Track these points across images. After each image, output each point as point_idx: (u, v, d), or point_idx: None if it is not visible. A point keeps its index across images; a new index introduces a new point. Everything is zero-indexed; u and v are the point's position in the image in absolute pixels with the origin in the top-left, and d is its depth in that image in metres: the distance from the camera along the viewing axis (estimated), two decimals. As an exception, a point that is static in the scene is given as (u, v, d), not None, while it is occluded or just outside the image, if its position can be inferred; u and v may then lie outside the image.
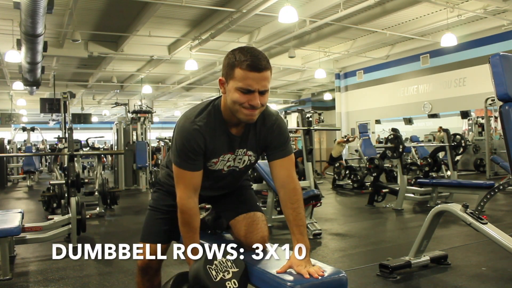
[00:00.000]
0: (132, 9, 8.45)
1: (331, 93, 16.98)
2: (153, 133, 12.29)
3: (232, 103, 1.55)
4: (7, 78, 13.59)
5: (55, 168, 6.77)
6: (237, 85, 1.51)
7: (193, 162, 1.62)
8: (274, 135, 1.70)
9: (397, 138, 6.03)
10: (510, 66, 2.20)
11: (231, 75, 1.53)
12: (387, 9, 8.57)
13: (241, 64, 1.50)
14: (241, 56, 1.50)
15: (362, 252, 3.85)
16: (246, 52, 1.51)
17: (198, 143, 1.60)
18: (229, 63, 1.53)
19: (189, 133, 1.59)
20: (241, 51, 1.53)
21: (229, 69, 1.53)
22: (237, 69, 1.51)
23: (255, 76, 1.50)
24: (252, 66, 1.49)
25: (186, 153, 1.61)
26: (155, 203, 1.91)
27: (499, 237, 2.50)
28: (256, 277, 1.58)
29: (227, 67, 1.55)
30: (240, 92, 1.52)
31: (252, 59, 1.49)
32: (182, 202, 1.64)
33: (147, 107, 10.97)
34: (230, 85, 1.54)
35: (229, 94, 1.55)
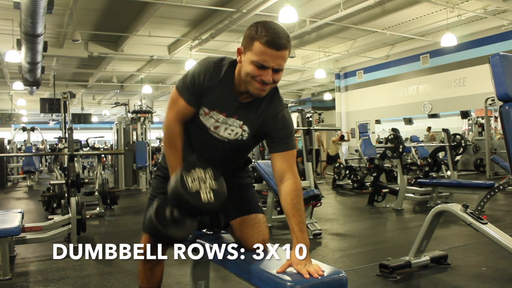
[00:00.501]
0: (132, 9, 8.45)
1: (331, 93, 16.98)
2: (153, 133, 12.28)
3: (245, 74, 1.58)
4: (7, 78, 13.60)
5: (55, 168, 6.77)
6: (253, 58, 1.53)
7: (190, 95, 1.67)
8: (278, 126, 1.68)
9: (397, 138, 6.03)
10: (510, 66, 2.20)
11: (250, 47, 1.54)
12: (387, 9, 8.57)
13: (261, 38, 1.51)
14: (263, 31, 1.51)
15: (362, 252, 3.85)
16: (268, 28, 1.52)
17: (203, 81, 1.64)
18: (250, 35, 1.55)
19: (202, 68, 1.66)
20: (264, 25, 1.53)
21: (249, 40, 1.55)
22: (256, 42, 1.52)
23: (273, 53, 1.52)
24: (272, 43, 1.50)
25: (189, 81, 1.66)
26: (153, 191, 1.93)
27: (499, 237, 2.51)
28: (256, 277, 1.58)
29: (247, 38, 1.56)
30: (254, 66, 1.54)
31: (273, 36, 1.50)
32: (169, 125, 1.72)
33: (147, 107, 10.98)
34: (247, 56, 1.56)
35: (244, 65, 1.58)
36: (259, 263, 1.64)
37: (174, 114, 1.71)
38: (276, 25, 1.56)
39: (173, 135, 1.72)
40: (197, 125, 1.73)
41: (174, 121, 1.71)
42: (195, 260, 2.13)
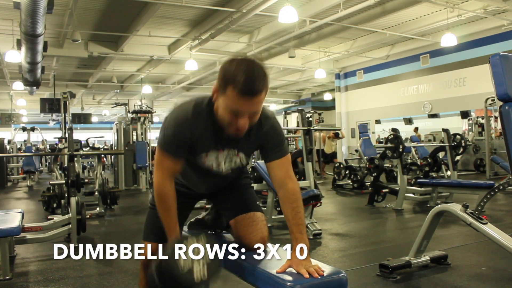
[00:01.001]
0: (132, 9, 8.45)
1: (331, 93, 16.98)
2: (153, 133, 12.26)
3: (220, 117, 1.52)
4: (7, 78, 13.59)
5: (55, 168, 6.78)
6: (227, 105, 1.46)
7: (177, 149, 1.62)
8: (270, 138, 1.68)
9: (397, 138, 6.03)
10: (510, 66, 2.20)
11: (223, 92, 1.46)
12: (387, 9, 8.57)
13: (235, 85, 1.41)
14: (237, 75, 1.41)
15: (362, 252, 3.85)
16: (243, 71, 1.41)
17: (187, 134, 1.59)
18: (224, 78, 1.45)
19: (180, 122, 1.58)
20: (239, 67, 1.42)
21: (223, 83, 1.45)
22: (230, 87, 1.43)
23: (247, 101, 1.44)
24: (246, 90, 1.41)
25: (173, 138, 1.60)
26: (153, 201, 1.91)
27: (499, 237, 2.51)
28: (256, 277, 1.58)
29: (221, 80, 1.46)
30: (229, 113, 1.47)
31: (246, 82, 1.40)
32: (158, 185, 1.64)
33: (147, 107, 10.98)
34: (221, 100, 1.48)
35: (220, 109, 1.51)
36: (259, 263, 1.64)
37: (163, 173, 1.64)
38: (252, 65, 1.44)
39: (165, 196, 1.65)
40: (200, 167, 1.71)
41: (164, 180, 1.64)
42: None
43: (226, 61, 1.49)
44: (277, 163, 1.68)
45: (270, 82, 1.54)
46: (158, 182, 1.65)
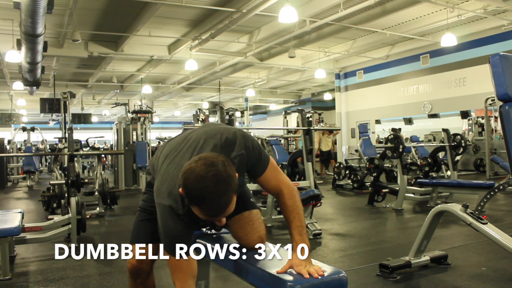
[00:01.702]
0: (132, 9, 8.45)
1: (331, 93, 16.97)
2: (153, 133, 12.27)
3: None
4: (7, 78, 13.59)
5: (55, 168, 6.77)
6: (200, 215, 1.43)
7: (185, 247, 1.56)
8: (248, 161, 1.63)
9: (397, 138, 6.03)
10: (510, 66, 2.20)
11: (191, 204, 1.41)
12: (387, 9, 8.57)
13: (202, 208, 1.39)
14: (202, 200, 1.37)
15: (362, 252, 3.85)
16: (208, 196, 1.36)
17: (186, 232, 1.56)
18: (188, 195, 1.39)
19: (175, 228, 1.53)
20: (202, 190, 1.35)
21: (188, 200, 1.40)
22: (195, 208, 1.40)
23: (215, 218, 1.44)
24: (213, 214, 1.41)
25: (176, 240, 1.55)
26: (144, 205, 1.91)
27: (499, 237, 2.51)
28: (256, 277, 1.58)
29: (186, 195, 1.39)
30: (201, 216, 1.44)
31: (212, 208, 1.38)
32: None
33: (147, 107, 10.98)
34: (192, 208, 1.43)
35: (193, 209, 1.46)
36: (259, 263, 1.64)
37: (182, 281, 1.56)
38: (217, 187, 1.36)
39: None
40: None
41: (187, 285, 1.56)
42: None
43: (188, 174, 1.38)
44: (265, 175, 1.66)
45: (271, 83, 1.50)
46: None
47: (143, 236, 1.85)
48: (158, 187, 1.58)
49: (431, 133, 14.17)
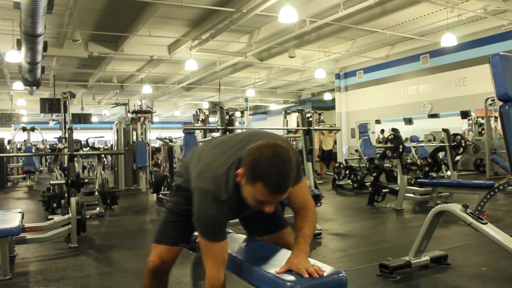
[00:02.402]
0: (132, 9, 8.45)
1: (331, 93, 16.97)
2: (153, 133, 12.28)
3: (246, 199, 1.53)
4: (7, 78, 13.59)
5: (55, 168, 6.78)
6: (255, 195, 1.47)
7: (221, 234, 1.60)
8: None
9: (397, 138, 6.03)
10: (510, 66, 2.20)
11: (252, 183, 1.44)
12: (387, 9, 8.56)
13: (266, 183, 1.41)
14: (268, 174, 1.39)
15: (362, 252, 3.85)
16: (276, 172, 1.40)
17: (224, 219, 1.61)
18: (254, 171, 1.42)
19: (215, 212, 1.56)
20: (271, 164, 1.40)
21: (252, 176, 1.43)
22: (259, 183, 1.42)
23: (276, 196, 1.46)
24: (276, 190, 1.43)
25: (213, 228, 1.58)
26: (172, 206, 1.90)
27: (499, 237, 2.51)
28: (256, 277, 1.58)
29: (250, 171, 1.43)
30: (255, 200, 1.49)
31: (278, 184, 1.41)
32: (213, 278, 1.57)
33: (147, 107, 10.98)
34: (248, 188, 1.48)
35: (245, 192, 1.51)
36: (259, 263, 1.64)
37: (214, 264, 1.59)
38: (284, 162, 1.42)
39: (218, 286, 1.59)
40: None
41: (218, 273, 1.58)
42: (195, 260, 2.13)
43: (256, 151, 1.43)
44: (298, 187, 1.67)
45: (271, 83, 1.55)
46: (213, 275, 1.58)
47: (170, 237, 1.87)
48: (201, 172, 1.62)
49: (431, 133, 14.17)
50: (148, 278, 1.89)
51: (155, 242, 1.87)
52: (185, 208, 1.83)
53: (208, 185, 1.57)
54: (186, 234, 1.89)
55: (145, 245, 4.37)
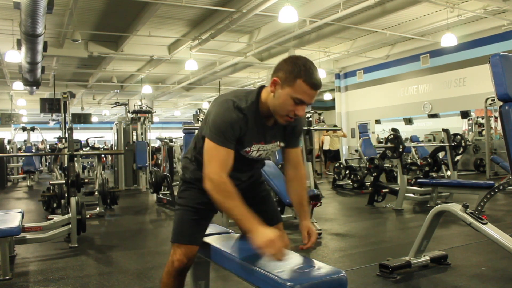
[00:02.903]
0: (132, 9, 8.45)
1: (331, 93, 16.98)
2: (153, 133, 12.27)
3: (279, 106, 1.63)
4: (7, 78, 13.60)
5: (55, 168, 6.78)
6: (294, 95, 1.59)
7: (230, 141, 1.65)
8: (297, 129, 1.87)
9: (397, 138, 6.03)
10: (510, 66, 2.20)
11: (291, 84, 1.58)
12: (387, 9, 8.57)
13: (306, 79, 1.57)
14: (307, 72, 1.58)
15: (362, 252, 3.85)
16: (309, 68, 1.59)
17: (237, 127, 1.65)
18: (293, 71, 1.58)
19: (231, 115, 1.64)
20: (306, 65, 1.59)
21: (290, 77, 1.58)
22: (299, 81, 1.57)
23: (312, 93, 1.61)
24: (315, 85, 1.60)
25: (225, 131, 1.63)
26: (187, 202, 1.88)
27: (499, 237, 2.50)
28: (256, 277, 1.58)
29: (288, 73, 1.59)
30: (293, 102, 1.60)
31: (315, 78, 1.59)
32: (214, 176, 1.61)
33: (147, 107, 10.97)
34: (286, 91, 1.60)
35: (280, 98, 1.62)
36: (259, 263, 1.64)
37: (216, 166, 1.63)
38: (312, 64, 1.62)
39: (226, 184, 1.61)
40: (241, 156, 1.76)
41: (221, 172, 1.62)
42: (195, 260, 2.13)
43: (289, 59, 1.64)
44: (295, 150, 1.91)
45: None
46: (214, 174, 1.62)
47: (193, 236, 1.86)
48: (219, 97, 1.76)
49: (431, 133, 14.15)
50: (172, 277, 1.87)
51: (178, 242, 1.84)
52: (200, 201, 1.84)
53: (227, 96, 1.69)
54: (205, 230, 1.92)
55: (145, 245, 4.37)
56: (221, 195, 1.61)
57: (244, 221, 1.60)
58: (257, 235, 1.53)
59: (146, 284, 2.98)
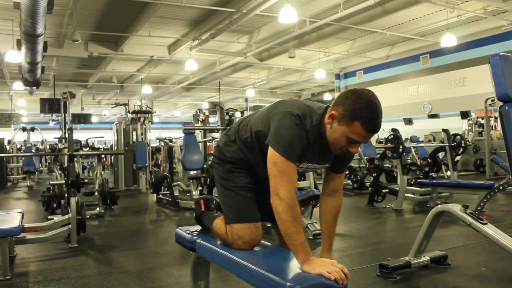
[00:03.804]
0: (132, 9, 8.45)
1: (331, 94, 16.98)
2: (153, 133, 12.27)
3: (333, 140, 1.64)
4: (7, 78, 13.60)
5: (55, 168, 6.78)
6: (349, 135, 1.58)
7: (296, 156, 1.65)
8: (347, 158, 1.86)
9: (397, 138, 6.03)
10: (510, 66, 2.20)
11: (348, 123, 1.56)
12: (387, 9, 8.57)
13: (364, 123, 1.54)
14: (368, 114, 1.53)
15: (362, 252, 3.85)
16: (372, 110, 1.54)
17: (303, 144, 1.65)
18: (353, 111, 1.54)
19: (299, 131, 1.63)
20: (369, 106, 1.54)
21: (350, 116, 1.55)
22: (357, 123, 1.55)
23: (369, 135, 1.59)
24: (373, 129, 1.57)
25: (295, 146, 1.63)
26: (238, 182, 1.87)
27: (499, 237, 2.50)
28: (256, 277, 1.57)
29: (348, 112, 1.55)
30: (347, 140, 1.60)
31: (375, 122, 1.56)
32: (288, 195, 1.59)
33: (147, 107, 10.98)
34: (342, 128, 1.59)
35: (335, 133, 1.62)
36: (259, 263, 1.64)
37: (290, 183, 1.61)
38: (378, 104, 1.57)
39: (296, 206, 1.60)
40: None
41: (292, 191, 1.61)
42: (195, 260, 2.13)
43: (354, 94, 1.57)
44: (339, 176, 1.89)
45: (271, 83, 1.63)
46: (288, 192, 1.59)
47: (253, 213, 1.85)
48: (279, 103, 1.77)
49: (431, 133, 14.15)
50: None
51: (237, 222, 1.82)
52: (250, 181, 1.87)
53: (293, 109, 1.66)
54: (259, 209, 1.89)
55: (145, 245, 4.37)
56: (291, 217, 1.57)
57: (302, 247, 1.54)
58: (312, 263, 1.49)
59: (146, 284, 2.98)
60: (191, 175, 6.93)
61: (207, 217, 2.09)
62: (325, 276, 1.40)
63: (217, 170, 1.95)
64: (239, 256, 1.73)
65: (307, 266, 1.49)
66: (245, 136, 1.83)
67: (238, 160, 1.87)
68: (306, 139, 1.64)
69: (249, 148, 1.85)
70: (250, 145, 1.84)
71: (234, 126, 1.95)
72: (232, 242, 1.82)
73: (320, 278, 1.44)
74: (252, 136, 1.80)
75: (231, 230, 1.82)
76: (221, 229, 1.87)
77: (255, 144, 1.81)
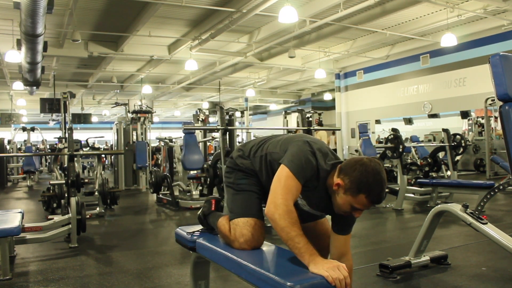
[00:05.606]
0: (132, 9, 8.45)
1: (331, 93, 16.97)
2: (153, 133, 12.27)
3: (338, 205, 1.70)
4: (7, 78, 13.59)
5: (55, 168, 6.77)
6: (353, 204, 1.64)
7: (304, 178, 1.71)
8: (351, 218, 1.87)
9: (397, 138, 6.03)
10: (510, 66, 2.20)
11: (353, 194, 1.62)
12: (387, 9, 8.56)
13: (369, 195, 1.60)
14: (373, 188, 1.60)
15: (362, 252, 3.85)
16: (378, 185, 1.60)
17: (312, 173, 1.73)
18: (359, 184, 1.60)
19: (312, 162, 1.72)
20: (375, 180, 1.59)
21: (356, 189, 1.61)
22: (362, 195, 1.61)
23: (372, 205, 1.67)
24: (377, 201, 1.64)
25: (305, 168, 1.71)
26: (250, 187, 1.95)
27: (499, 237, 2.51)
28: (256, 277, 1.57)
29: (354, 184, 1.60)
30: (350, 207, 1.66)
31: (380, 195, 1.62)
32: (284, 203, 1.66)
33: (147, 107, 10.98)
34: (348, 198, 1.64)
35: (341, 199, 1.67)
36: (259, 263, 1.64)
37: (290, 195, 1.69)
38: (383, 176, 1.62)
39: (293, 213, 1.67)
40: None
41: (291, 201, 1.69)
42: (195, 260, 2.13)
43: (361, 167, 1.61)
44: (345, 237, 1.93)
45: (271, 83, 1.65)
46: (285, 200, 1.66)
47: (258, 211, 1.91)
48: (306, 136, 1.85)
49: (431, 133, 14.17)
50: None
51: (241, 216, 1.88)
52: (260, 187, 1.95)
53: (312, 145, 1.76)
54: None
55: (145, 245, 4.38)
56: (289, 222, 1.62)
57: (306, 248, 1.57)
58: (318, 263, 1.51)
59: (146, 284, 2.98)
60: (191, 175, 6.93)
61: (213, 216, 2.13)
62: (328, 280, 1.43)
63: (228, 178, 2.03)
64: (239, 256, 1.73)
65: (313, 267, 1.50)
66: (260, 154, 1.93)
67: (250, 170, 1.96)
68: (317, 171, 1.71)
69: (260, 165, 1.93)
70: (263, 164, 1.92)
71: (250, 143, 2.04)
72: (234, 241, 1.85)
73: (320, 278, 1.44)
74: (266, 155, 1.90)
75: (234, 228, 1.86)
76: (225, 226, 1.92)
77: (268, 165, 1.90)
